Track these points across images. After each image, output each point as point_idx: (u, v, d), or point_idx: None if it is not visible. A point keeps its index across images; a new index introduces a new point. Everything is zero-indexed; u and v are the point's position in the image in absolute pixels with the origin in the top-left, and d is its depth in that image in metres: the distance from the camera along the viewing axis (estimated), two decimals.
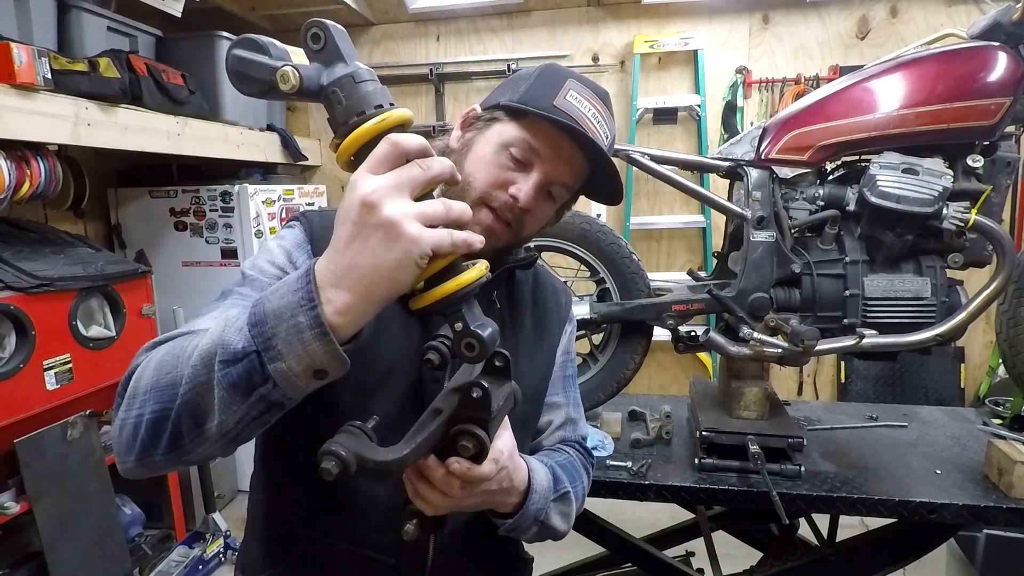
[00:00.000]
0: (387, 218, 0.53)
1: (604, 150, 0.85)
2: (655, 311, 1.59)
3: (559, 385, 1.08)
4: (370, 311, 0.57)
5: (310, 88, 0.58)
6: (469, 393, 0.67)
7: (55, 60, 1.99)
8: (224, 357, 0.58)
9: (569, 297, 1.11)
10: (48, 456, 2.03)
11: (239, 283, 0.83)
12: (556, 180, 0.87)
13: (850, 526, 1.80)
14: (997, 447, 1.41)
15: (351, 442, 0.61)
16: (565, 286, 1.12)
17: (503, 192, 0.84)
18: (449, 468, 0.68)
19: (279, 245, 0.86)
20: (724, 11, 3.36)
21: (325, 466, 0.59)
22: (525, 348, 0.97)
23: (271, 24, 3.65)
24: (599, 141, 0.85)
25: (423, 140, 0.56)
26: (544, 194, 0.87)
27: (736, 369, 1.61)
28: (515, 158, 0.85)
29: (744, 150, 1.54)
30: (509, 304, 0.98)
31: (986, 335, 3.33)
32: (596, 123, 0.87)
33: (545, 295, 1.05)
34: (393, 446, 0.64)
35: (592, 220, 1.65)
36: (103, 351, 2.25)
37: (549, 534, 0.92)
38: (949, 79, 1.39)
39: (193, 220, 3.08)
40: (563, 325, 1.07)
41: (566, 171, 0.86)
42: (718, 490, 1.41)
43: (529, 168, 0.85)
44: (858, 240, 1.50)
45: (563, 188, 0.88)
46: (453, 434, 0.69)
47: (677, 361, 3.65)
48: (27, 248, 2.12)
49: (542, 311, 1.03)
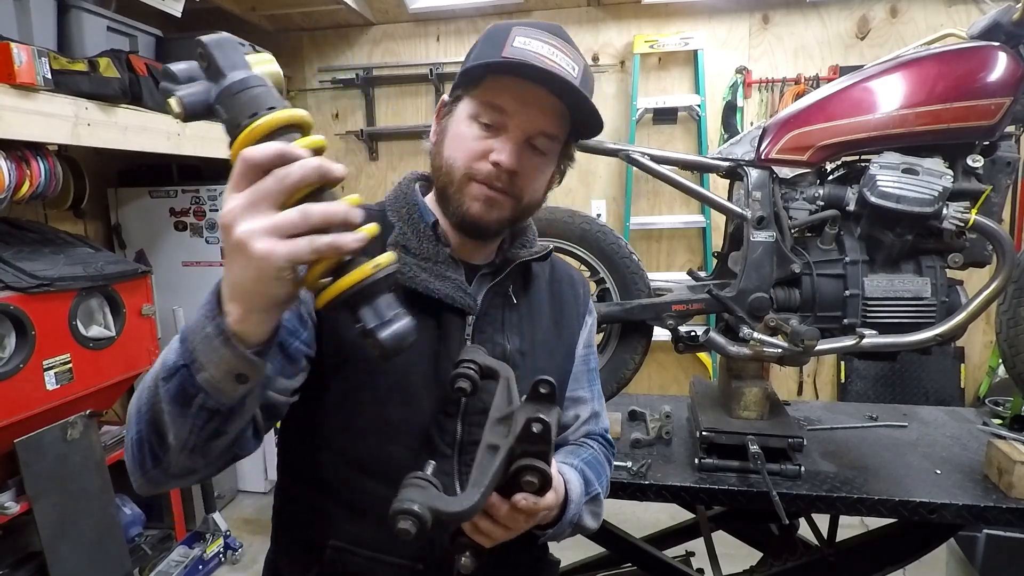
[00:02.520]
0: (236, 240, 0.53)
1: (567, 79, 0.80)
2: (655, 311, 1.59)
3: (584, 379, 1.07)
4: (265, 318, 0.59)
5: (198, 111, 0.57)
6: (529, 428, 0.67)
7: (55, 60, 1.99)
8: (163, 374, 0.62)
9: (587, 288, 1.10)
10: (48, 456, 2.03)
11: None
12: (533, 131, 0.83)
13: (850, 526, 1.80)
14: (997, 447, 1.41)
15: (423, 496, 0.60)
16: (583, 277, 1.11)
17: (484, 162, 0.83)
18: (517, 505, 0.70)
19: None
20: (724, 11, 3.36)
21: (402, 527, 0.58)
22: (543, 343, 0.97)
23: (271, 24, 3.65)
24: (560, 71, 0.80)
25: (278, 147, 0.54)
26: (529, 150, 0.84)
27: (736, 369, 1.61)
28: (486, 125, 0.83)
29: (744, 150, 1.54)
30: (526, 298, 0.97)
31: (986, 335, 3.33)
32: (554, 57, 0.81)
33: (563, 287, 1.04)
34: (462, 493, 0.64)
35: (592, 220, 1.65)
36: (103, 351, 2.25)
37: (581, 532, 0.96)
38: (949, 79, 1.39)
39: (193, 220, 3.08)
40: (582, 317, 1.06)
41: (540, 118, 0.83)
42: (718, 490, 1.41)
43: (503, 129, 0.83)
44: (858, 240, 1.50)
45: (546, 138, 0.85)
46: (515, 470, 0.68)
47: (677, 361, 3.65)
48: (27, 248, 2.12)
49: (559, 304, 1.02)
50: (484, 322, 0.90)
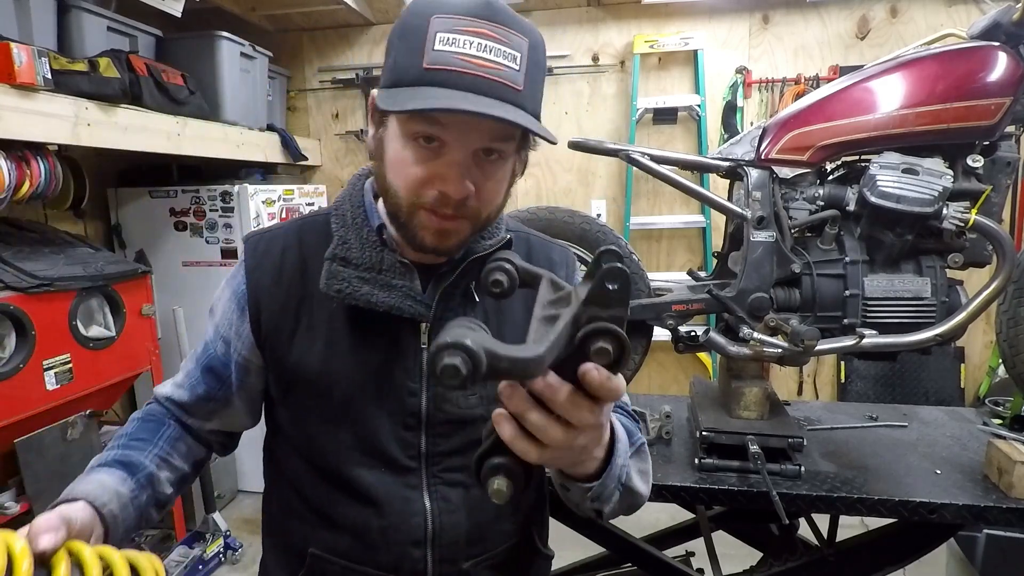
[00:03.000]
0: None
1: (505, 83, 0.68)
2: (655, 311, 1.59)
3: None
4: None
5: None
6: (604, 285, 0.50)
7: (55, 60, 1.99)
8: None
9: (572, 266, 0.98)
10: (48, 456, 2.03)
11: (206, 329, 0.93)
12: (478, 146, 0.72)
13: (850, 526, 1.80)
14: (997, 447, 1.40)
15: (475, 336, 0.44)
16: (566, 254, 0.99)
17: (430, 190, 0.73)
18: (588, 378, 0.50)
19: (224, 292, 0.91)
20: (724, 11, 3.36)
21: (449, 362, 0.43)
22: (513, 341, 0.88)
23: (271, 24, 3.65)
24: (494, 75, 0.68)
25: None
26: (479, 160, 0.73)
27: (736, 369, 1.60)
28: (427, 140, 0.72)
29: (744, 150, 1.54)
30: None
31: (986, 335, 3.33)
32: (485, 55, 0.68)
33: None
34: (523, 347, 0.47)
35: (592, 220, 1.65)
36: (103, 351, 2.25)
37: (631, 500, 0.76)
38: (949, 79, 1.39)
39: (193, 220, 3.08)
40: None
41: (484, 132, 0.71)
42: (718, 490, 1.41)
43: (444, 147, 0.72)
44: (858, 240, 1.50)
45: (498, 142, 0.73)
46: (582, 337, 0.50)
47: (677, 361, 3.65)
48: (27, 248, 2.12)
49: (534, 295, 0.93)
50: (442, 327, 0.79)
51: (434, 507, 0.85)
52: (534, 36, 0.72)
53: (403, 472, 0.84)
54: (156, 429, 0.90)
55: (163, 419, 0.93)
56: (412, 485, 0.84)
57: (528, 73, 0.70)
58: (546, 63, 0.76)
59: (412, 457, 0.85)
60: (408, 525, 0.84)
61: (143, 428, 0.90)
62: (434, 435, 0.85)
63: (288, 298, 0.86)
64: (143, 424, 0.91)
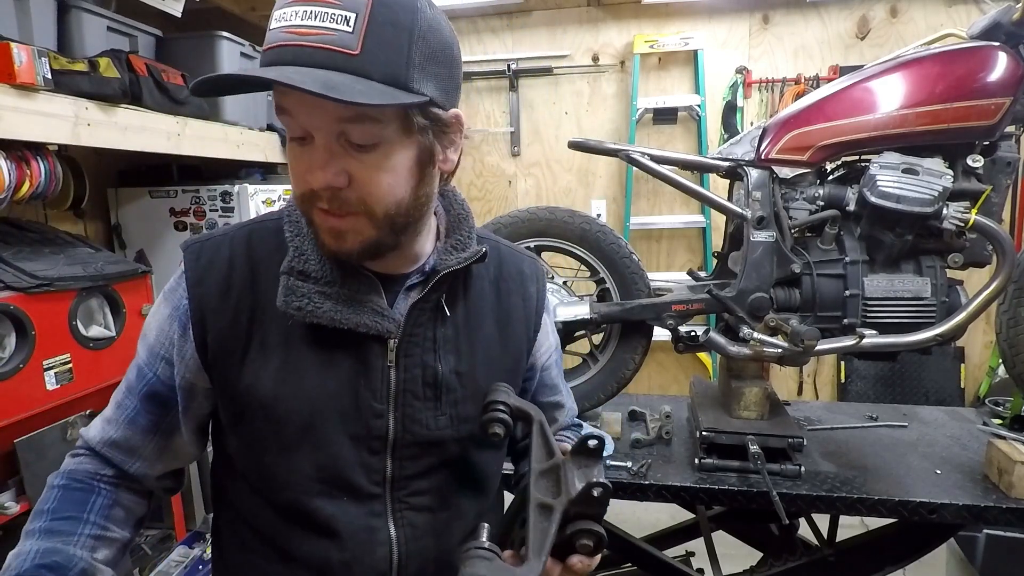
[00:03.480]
0: None
1: (327, 46, 0.62)
2: (655, 311, 1.59)
3: (558, 381, 1.02)
4: None
5: None
6: (589, 493, 0.66)
7: (55, 60, 1.99)
8: None
9: (542, 281, 0.95)
10: (48, 456, 2.03)
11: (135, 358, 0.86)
12: (328, 128, 0.65)
13: (850, 526, 1.80)
14: (997, 447, 1.41)
15: (489, 569, 0.60)
16: (536, 267, 0.95)
17: (306, 187, 0.69)
18: (573, 568, 0.68)
19: (159, 309, 0.82)
20: (724, 11, 3.36)
21: None
22: (485, 359, 0.84)
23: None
24: (315, 40, 0.62)
25: None
26: (347, 150, 0.67)
27: (736, 369, 1.60)
28: (296, 138, 0.68)
29: (744, 150, 1.54)
30: (464, 307, 0.84)
31: (986, 335, 3.33)
32: (309, 22, 0.62)
33: (510, 286, 0.89)
34: (526, 563, 0.63)
35: (592, 220, 1.65)
36: (103, 351, 2.25)
37: None
38: (949, 79, 1.39)
39: (193, 220, 3.08)
40: (536, 320, 0.92)
41: (330, 108, 0.63)
42: (718, 490, 1.41)
43: (308, 137, 0.67)
44: (858, 240, 1.50)
45: (354, 125, 0.65)
46: (571, 533, 0.68)
47: (677, 361, 3.65)
48: (27, 248, 2.12)
49: (506, 309, 0.88)
50: (409, 344, 0.78)
51: (400, 535, 0.79)
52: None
53: (367, 500, 0.78)
54: (84, 500, 0.79)
55: (90, 484, 0.81)
56: (376, 513, 0.78)
57: (371, 34, 0.62)
58: (413, 21, 0.65)
59: (376, 483, 0.78)
60: (372, 557, 0.78)
61: (68, 502, 0.78)
62: (400, 458, 0.79)
63: (237, 314, 0.76)
64: (67, 495, 0.79)
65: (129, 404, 0.83)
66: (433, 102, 0.69)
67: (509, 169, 3.65)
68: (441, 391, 0.80)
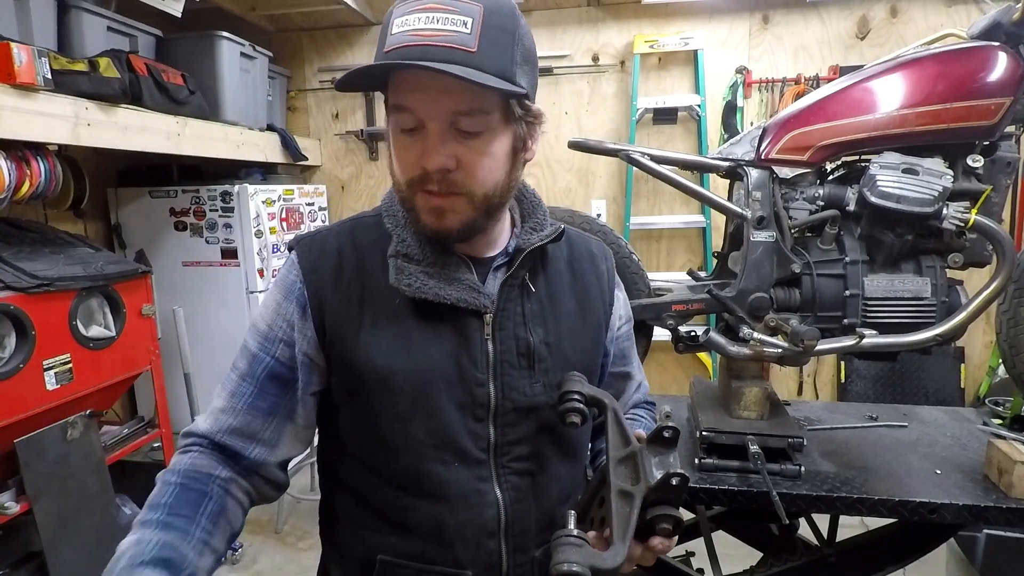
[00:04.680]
0: None
1: (452, 46, 0.72)
2: (655, 311, 1.59)
3: (629, 354, 1.08)
4: None
5: None
6: (668, 481, 0.72)
7: (55, 60, 1.99)
8: None
9: (611, 260, 1.04)
10: (48, 456, 2.03)
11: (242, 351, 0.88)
12: (444, 117, 0.75)
13: (850, 526, 1.80)
14: (997, 447, 1.40)
15: (581, 555, 0.65)
16: (603, 248, 1.04)
17: (416, 170, 0.78)
18: (654, 549, 0.76)
19: (271, 299, 0.88)
20: (724, 11, 3.36)
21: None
22: (569, 330, 0.93)
23: (271, 24, 3.65)
24: (440, 40, 0.71)
25: None
26: (457, 137, 0.77)
27: (736, 369, 1.60)
28: (407, 130, 0.78)
29: (744, 150, 1.54)
30: (546, 284, 0.93)
31: (986, 335, 3.33)
32: (432, 25, 0.72)
33: (583, 265, 0.98)
34: (612, 548, 0.68)
35: (592, 220, 1.65)
36: (103, 351, 2.25)
37: None
38: (949, 79, 1.39)
39: (193, 220, 3.08)
40: (610, 293, 1.01)
41: (443, 100, 0.74)
42: (718, 490, 1.41)
43: (421, 128, 0.77)
44: (858, 240, 1.50)
45: (467, 116, 0.75)
46: (651, 517, 0.73)
47: (677, 361, 3.65)
48: (27, 248, 2.12)
49: (582, 284, 0.97)
50: (503, 318, 0.87)
51: (505, 497, 0.86)
52: (490, 2, 0.74)
53: (475, 465, 0.85)
54: (198, 501, 0.80)
55: (205, 485, 0.82)
56: (483, 477, 0.85)
57: (484, 35, 0.73)
58: (515, 26, 0.77)
59: (482, 449, 0.86)
60: (483, 518, 0.85)
61: (184, 500, 0.79)
62: (502, 425, 0.86)
63: (350, 296, 0.85)
64: (183, 493, 0.79)
65: (246, 390, 0.86)
66: (527, 95, 0.79)
67: None
68: (534, 360, 0.88)
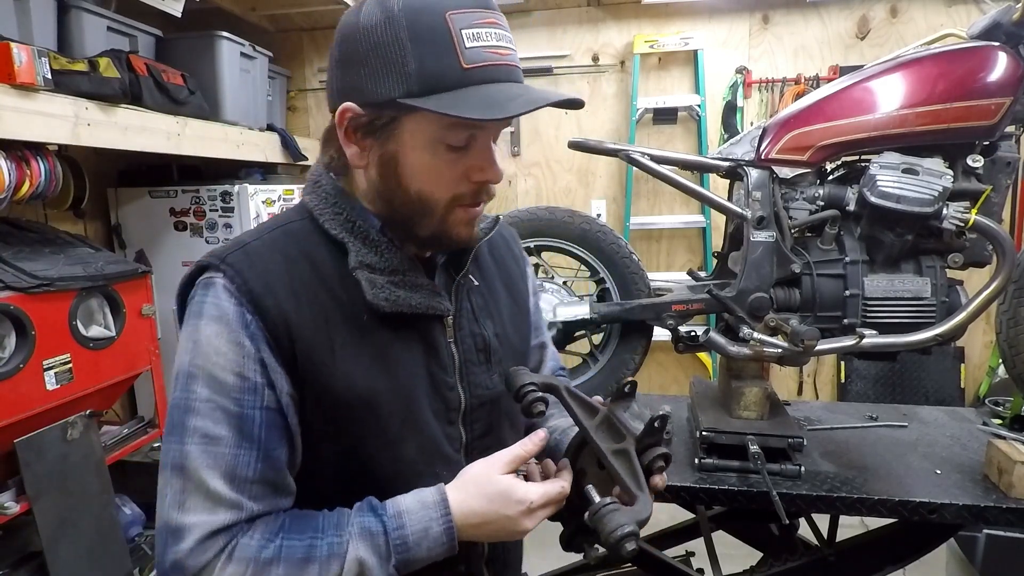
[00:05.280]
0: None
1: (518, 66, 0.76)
2: (655, 311, 1.59)
3: (542, 324, 1.09)
4: None
5: None
6: (653, 425, 0.80)
7: (55, 60, 1.99)
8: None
9: (515, 236, 1.07)
10: (48, 456, 2.03)
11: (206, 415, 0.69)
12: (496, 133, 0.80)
13: (850, 526, 1.80)
14: (997, 447, 1.41)
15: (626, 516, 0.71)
16: (507, 227, 1.05)
17: (466, 183, 0.77)
18: (656, 487, 0.81)
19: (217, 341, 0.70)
20: (724, 11, 3.36)
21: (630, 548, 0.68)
22: (509, 316, 0.95)
23: (271, 24, 3.65)
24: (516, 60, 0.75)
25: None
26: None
27: (736, 369, 1.60)
28: (454, 147, 0.74)
29: (744, 150, 1.54)
30: (481, 276, 0.93)
31: (986, 335, 3.33)
32: (504, 43, 0.73)
33: (502, 252, 1.00)
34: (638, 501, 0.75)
35: (592, 220, 1.65)
36: (103, 351, 2.25)
37: None
38: (949, 79, 1.39)
39: (193, 220, 3.08)
40: (525, 272, 1.04)
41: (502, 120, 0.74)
42: (718, 490, 1.41)
43: (472, 140, 0.75)
44: (858, 240, 1.50)
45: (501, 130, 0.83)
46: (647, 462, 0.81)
47: (677, 361, 3.64)
48: (27, 248, 2.12)
49: (505, 269, 0.99)
50: (460, 317, 0.87)
51: None
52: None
53: (455, 465, 0.82)
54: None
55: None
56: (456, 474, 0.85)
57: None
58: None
59: (457, 450, 0.86)
60: None
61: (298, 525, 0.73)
62: (471, 422, 0.87)
63: (315, 317, 0.75)
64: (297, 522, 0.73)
65: (248, 458, 0.70)
66: None
67: (509, 169, 3.65)
68: (490, 353, 0.89)
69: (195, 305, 0.73)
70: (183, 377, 0.71)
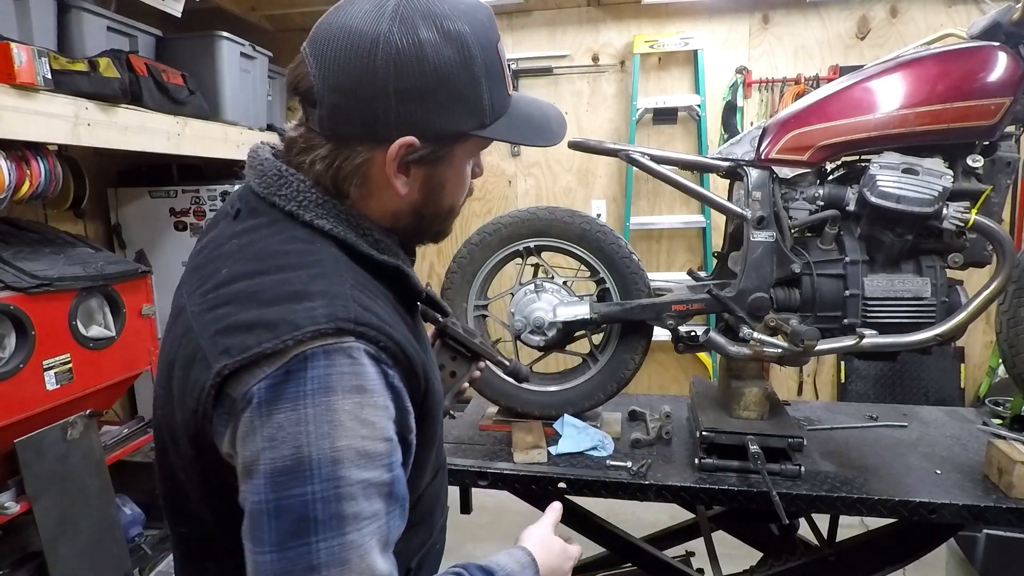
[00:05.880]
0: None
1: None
2: (655, 311, 1.59)
3: None
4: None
5: None
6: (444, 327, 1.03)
7: (55, 60, 1.99)
8: None
9: None
10: (48, 456, 2.03)
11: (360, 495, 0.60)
12: None
13: (850, 526, 1.80)
14: (997, 447, 1.41)
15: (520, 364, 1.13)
16: None
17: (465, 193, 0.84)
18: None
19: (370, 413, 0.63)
20: (724, 11, 3.36)
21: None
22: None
23: (271, 24, 3.65)
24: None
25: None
26: None
27: (736, 369, 1.60)
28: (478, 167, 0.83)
29: (744, 150, 1.54)
30: None
31: (986, 335, 3.33)
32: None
33: None
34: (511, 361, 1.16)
35: (592, 220, 1.65)
36: (103, 351, 2.25)
37: None
38: (949, 79, 1.39)
39: (193, 220, 3.08)
40: None
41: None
42: (718, 490, 1.41)
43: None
44: (858, 240, 1.50)
45: None
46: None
47: (677, 361, 3.64)
48: (27, 248, 2.12)
49: None
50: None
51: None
52: None
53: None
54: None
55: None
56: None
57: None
58: None
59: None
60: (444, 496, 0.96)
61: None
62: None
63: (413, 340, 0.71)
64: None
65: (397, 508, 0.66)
66: None
67: (509, 169, 3.65)
68: None
69: (317, 381, 0.61)
70: (326, 465, 0.59)
